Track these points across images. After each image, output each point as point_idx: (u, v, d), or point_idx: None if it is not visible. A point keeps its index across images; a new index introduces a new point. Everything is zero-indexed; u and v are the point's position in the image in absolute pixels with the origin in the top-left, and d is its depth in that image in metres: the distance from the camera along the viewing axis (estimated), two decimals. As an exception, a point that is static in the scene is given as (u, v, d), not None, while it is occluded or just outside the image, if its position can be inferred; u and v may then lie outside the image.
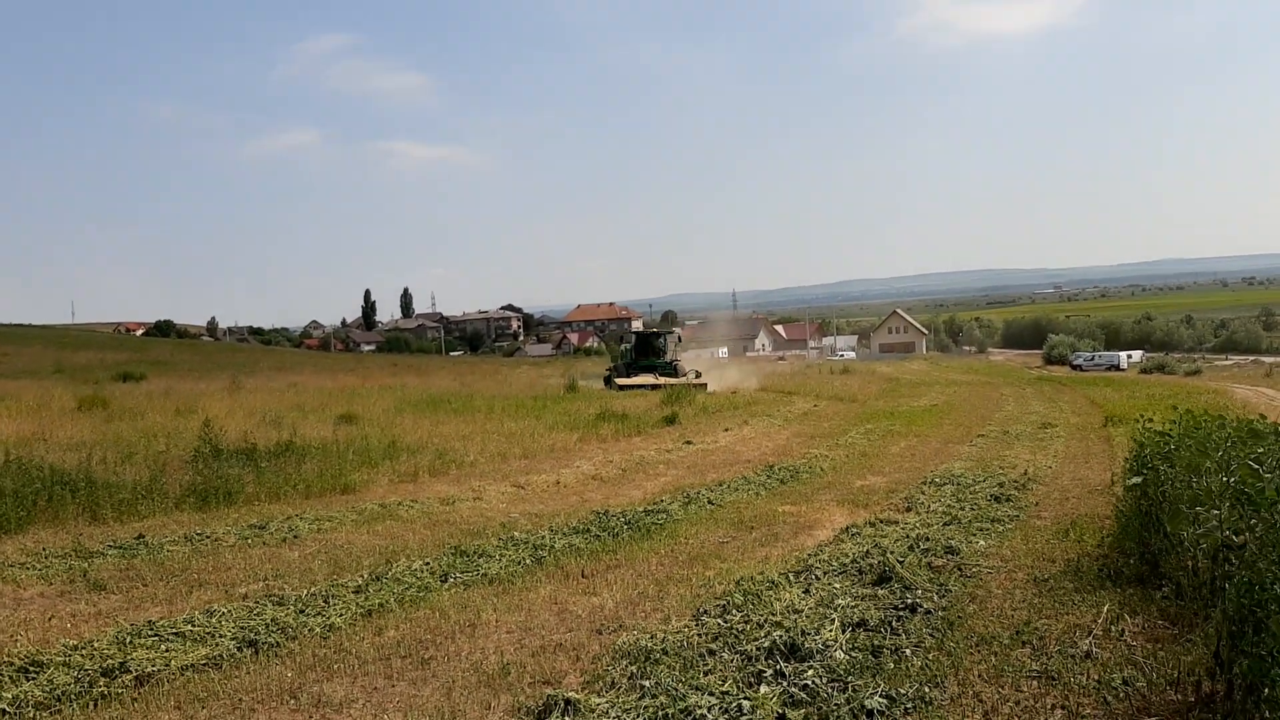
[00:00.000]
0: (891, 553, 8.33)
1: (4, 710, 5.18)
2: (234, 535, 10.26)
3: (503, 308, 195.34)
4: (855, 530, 10.02)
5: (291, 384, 39.37)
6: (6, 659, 5.93)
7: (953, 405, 31.98)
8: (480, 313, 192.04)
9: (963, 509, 11.31)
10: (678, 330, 52.93)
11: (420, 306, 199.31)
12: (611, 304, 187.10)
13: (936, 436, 21.32)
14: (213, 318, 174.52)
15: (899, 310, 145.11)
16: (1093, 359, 79.19)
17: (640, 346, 45.38)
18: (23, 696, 5.34)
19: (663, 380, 37.08)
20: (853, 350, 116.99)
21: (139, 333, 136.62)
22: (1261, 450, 4.16)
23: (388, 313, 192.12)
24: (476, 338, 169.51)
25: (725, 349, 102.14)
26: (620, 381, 38.74)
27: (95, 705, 5.36)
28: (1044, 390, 41.90)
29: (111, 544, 9.72)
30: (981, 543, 9.26)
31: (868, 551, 8.55)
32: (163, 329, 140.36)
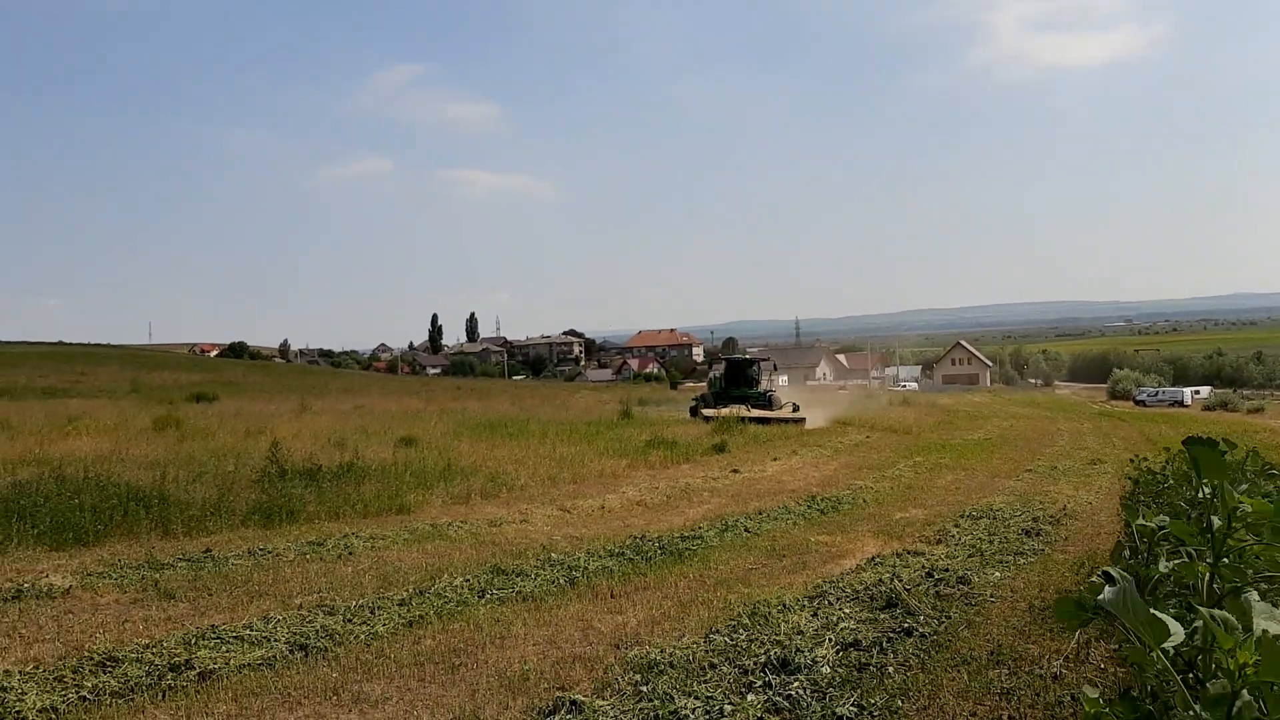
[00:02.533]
0: (901, 580, 8.80)
1: (85, 697, 5.92)
2: (293, 551, 10.95)
3: (565, 332, 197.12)
4: (879, 560, 10.45)
5: (358, 406, 40.40)
6: (86, 654, 6.71)
7: (1006, 439, 32.00)
8: (543, 337, 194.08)
9: (991, 542, 11.64)
10: (772, 358, 47.90)
11: (485, 330, 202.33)
12: (672, 330, 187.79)
13: (984, 470, 21.49)
14: (285, 340, 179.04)
15: (963, 341, 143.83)
16: (1157, 394, 77.99)
17: (731, 375, 41.09)
18: (101, 686, 6.09)
19: (755, 412, 34.19)
20: (915, 381, 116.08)
21: (213, 353, 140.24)
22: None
23: (454, 336, 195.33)
24: (539, 362, 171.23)
25: (785, 377, 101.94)
26: (707, 413, 34.89)
27: (163, 696, 6.06)
28: (1101, 425, 41.61)
29: (181, 557, 10.45)
30: (996, 574, 9.64)
31: (881, 579, 9.02)
32: (236, 350, 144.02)
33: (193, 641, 7.08)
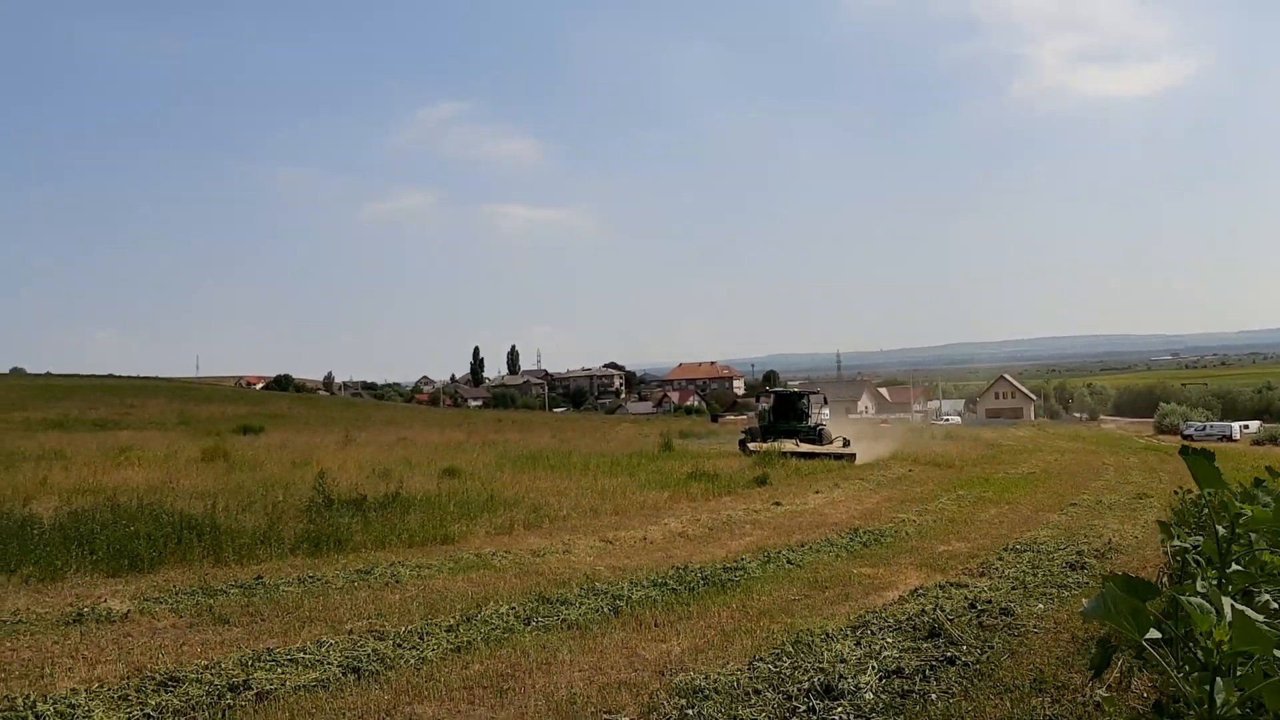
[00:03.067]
0: (944, 610, 8.84)
1: (148, 714, 6.14)
2: (342, 579, 11.16)
3: (605, 365, 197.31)
4: (922, 591, 10.47)
5: (401, 438, 40.80)
6: (148, 675, 6.95)
7: (1051, 473, 31.67)
8: (584, 370, 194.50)
9: (1035, 575, 11.60)
10: (822, 391, 46.65)
11: (526, 363, 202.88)
12: (713, 363, 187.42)
13: (1028, 504, 21.31)
14: (329, 373, 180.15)
15: (1006, 375, 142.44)
16: (1204, 429, 76.89)
17: (779, 408, 39.83)
18: (163, 705, 6.31)
19: (804, 447, 33.56)
20: (958, 415, 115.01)
21: (259, 386, 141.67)
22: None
23: (495, 369, 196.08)
24: (580, 394, 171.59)
25: (828, 411, 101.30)
26: (754, 447, 33.97)
27: (224, 715, 6.28)
28: (1148, 460, 41.06)
29: (233, 584, 10.72)
30: (1040, 606, 9.63)
31: (924, 610, 9.06)
32: (281, 383, 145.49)
33: (249, 663, 7.30)
